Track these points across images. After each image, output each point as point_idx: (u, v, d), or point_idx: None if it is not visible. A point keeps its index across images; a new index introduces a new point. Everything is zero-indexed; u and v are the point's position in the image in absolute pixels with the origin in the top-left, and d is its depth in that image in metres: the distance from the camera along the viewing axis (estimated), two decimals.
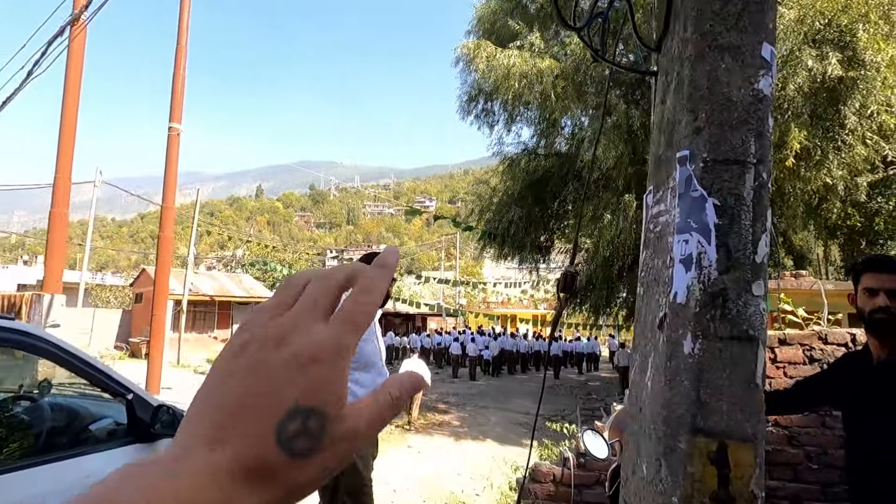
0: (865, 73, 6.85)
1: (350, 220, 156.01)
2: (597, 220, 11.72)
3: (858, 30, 7.01)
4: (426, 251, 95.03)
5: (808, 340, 2.45)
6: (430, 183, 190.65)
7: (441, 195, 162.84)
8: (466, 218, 15.00)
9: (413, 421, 10.66)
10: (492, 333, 22.68)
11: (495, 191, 15.15)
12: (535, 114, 13.39)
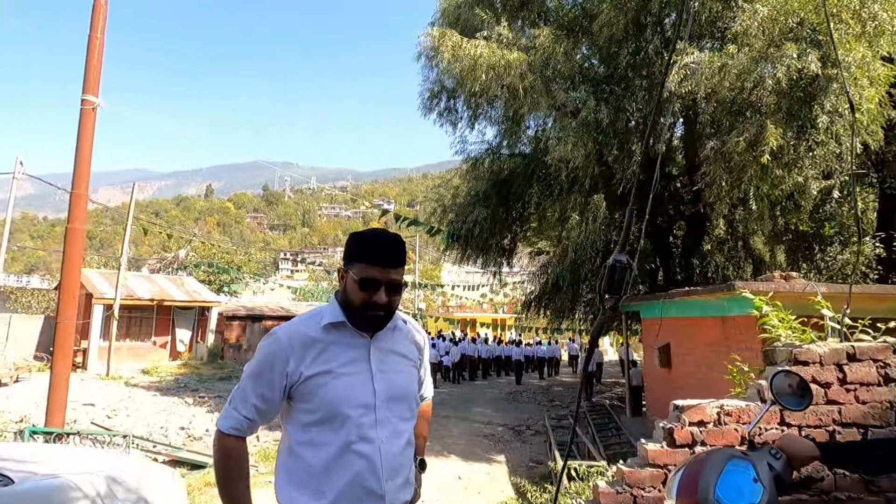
0: (838, 73, 6.73)
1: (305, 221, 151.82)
2: (564, 222, 11.37)
3: (833, 29, 6.90)
4: None
5: (881, 355, 1.93)
6: (389, 186, 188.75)
7: (399, 198, 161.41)
8: (428, 219, 14.34)
9: None
10: (452, 338, 22.08)
11: (458, 191, 14.60)
12: (499, 112, 12.94)
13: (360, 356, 1.43)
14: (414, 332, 1.58)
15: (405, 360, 1.51)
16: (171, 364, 19.58)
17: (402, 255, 1.43)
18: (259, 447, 8.39)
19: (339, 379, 1.38)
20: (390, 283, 1.39)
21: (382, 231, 1.47)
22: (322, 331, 1.42)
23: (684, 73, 7.77)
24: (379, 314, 1.40)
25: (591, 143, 9.28)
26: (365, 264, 1.39)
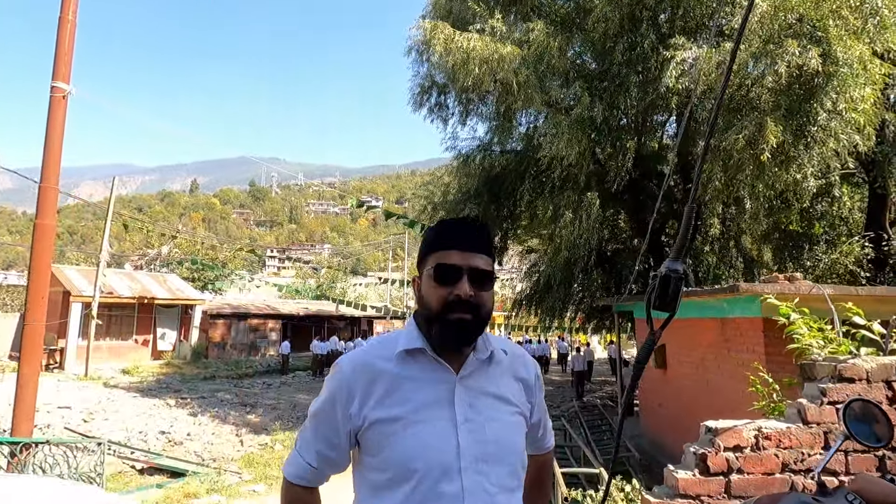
0: (838, 70, 6.63)
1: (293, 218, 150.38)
2: (556, 220, 11.20)
3: (829, 25, 6.79)
4: (372, 252, 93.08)
5: None
6: (377, 183, 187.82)
7: (388, 195, 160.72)
8: (418, 217, 14.09)
9: None
10: None
11: (448, 188, 14.37)
12: (490, 108, 12.73)
13: (442, 397, 1.06)
14: (519, 365, 1.17)
15: (506, 405, 1.11)
16: (153, 364, 19.09)
17: (485, 238, 1.13)
18: (244, 452, 8.11)
19: (410, 428, 1.02)
20: (474, 270, 1.06)
21: (460, 217, 1.22)
22: (395, 361, 1.09)
23: (681, 69, 7.61)
24: (465, 317, 1.04)
25: (584, 140, 9.11)
26: (440, 251, 1.09)
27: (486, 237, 1.14)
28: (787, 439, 1.68)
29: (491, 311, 1.10)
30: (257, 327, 23.81)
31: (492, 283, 1.09)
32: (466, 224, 1.14)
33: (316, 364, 18.84)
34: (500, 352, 1.14)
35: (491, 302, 1.10)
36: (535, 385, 1.19)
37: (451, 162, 14.30)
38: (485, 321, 1.08)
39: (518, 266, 16.43)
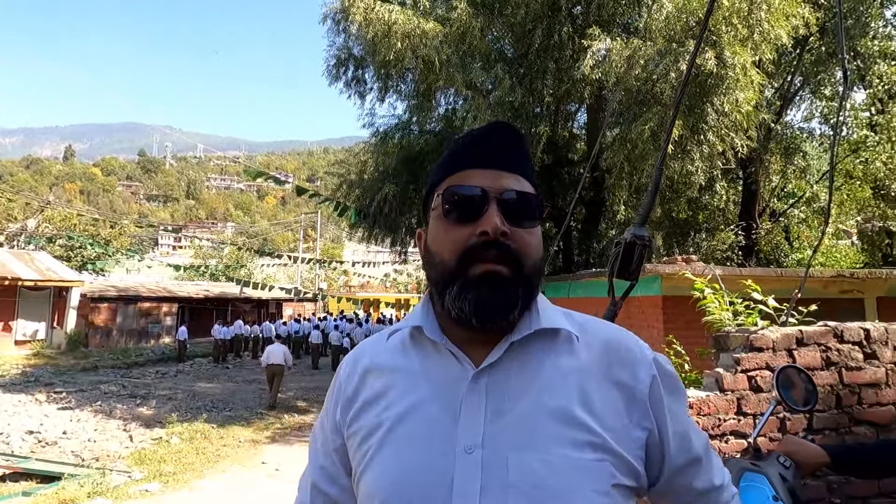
0: (728, 73, 7.31)
1: (191, 193, 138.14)
2: None
3: (723, 31, 7.44)
4: (281, 231, 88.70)
5: (824, 339, 1.93)
6: (287, 159, 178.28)
7: (299, 172, 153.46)
8: (333, 195, 13.54)
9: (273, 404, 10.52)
10: (355, 319, 21.51)
11: (366, 166, 13.95)
12: (410, 87, 12.50)
13: (442, 404, 0.66)
14: (614, 360, 0.69)
15: (568, 429, 0.63)
16: (18, 354, 16.64)
17: (522, 149, 0.73)
18: (134, 449, 7.35)
19: (385, 448, 0.67)
20: (506, 196, 0.67)
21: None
22: (391, 349, 0.75)
23: (595, 60, 7.95)
24: (496, 269, 0.65)
25: None
26: (454, 174, 0.71)
27: (523, 148, 0.73)
28: (706, 407, 1.78)
29: (540, 265, 0.69)
30: (149, 311, 21.66)
31: (537, 215, 0.69)
32: (492, 129, 0.72)
33: (218, 350, 17.60)
34: (568, 333, 0.69)
35: (539, 248, 0.69)
36: (656, 396, 0.67)
37: (368, 139, 13.86)
38: (530, 279, 0.67)
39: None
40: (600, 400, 0.65)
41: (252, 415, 9.56)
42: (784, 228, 14.07)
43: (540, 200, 0.70)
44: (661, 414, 0.68)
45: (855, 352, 1.97)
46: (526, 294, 0.66)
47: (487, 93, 10.01)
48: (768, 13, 7.25)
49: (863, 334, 1.99)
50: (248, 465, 6.70)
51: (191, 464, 6.63)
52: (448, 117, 12.43)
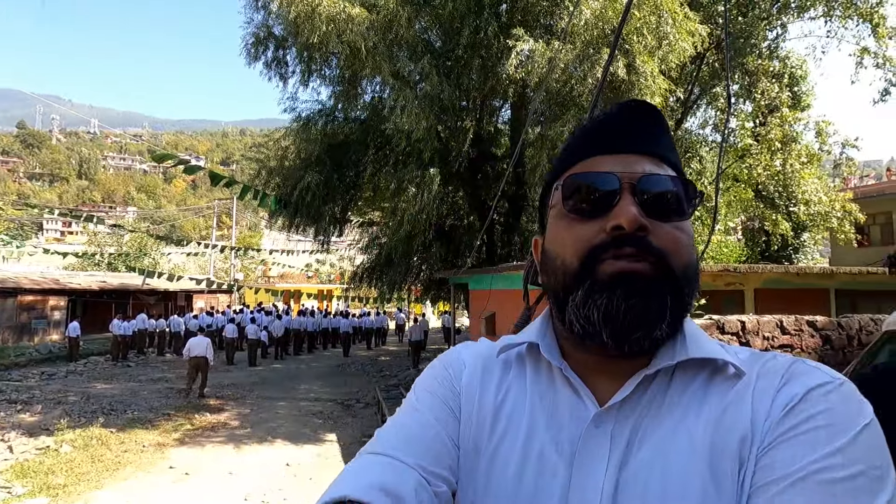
0: (638, 80, 7.87)
1: (84, 173, 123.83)
2: (399, 193, 11.28)
3: (634, 41, 7.99)
4: (192, 217, 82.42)
5: (708, 331, 2.15)
6: (198, 139, 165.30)
7: (212, 155, 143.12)
8: (252, 182, 12.82)
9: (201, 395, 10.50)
10: (274, 311, 20.64)
11: (287, 152, 13.36)
12: (335, 72, 12.12)
13: (558, 447, 0.54)
14: (799, 406, 0.47)
15: (689, 486, 0.48)
16: None
17: (660, 128, 0.58)
18: (14, 461, 6.57)
19: (481, 496, 0.55)
20: (644, 183, 0.54)
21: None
22: (501, 363, 0.63)
23: (519, 60, 8.19)
24: (633, 269, 0.50)
25: (431, 116, 9.27)
26: (578, 163, 0.58)
27: (663, 127, 0.59)
28: None
29: (694, 270, 0.54)
30: (33, 305, 19.27)
31: (684, 206, 0.55)
32: (624, 108, 0.59)
33: (117, 347, 16.09)
34: (730, 364, 0.53)
35: (692, 248, 0.54)
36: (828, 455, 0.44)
37: (290, 125, 13.26)
38: (682, 285, 0.52)
39: (358, 239, 16.20)
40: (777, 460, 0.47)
41: (157, 416, 8.89)
42: None
43: (691, 188, 0.55)
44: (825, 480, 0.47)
45: (733, 341, 2.21)
46: (676, 305, 0.51)
47: (415, 84, 9.96)
48: (673, 27, 7.88)
49: (740, 325, 2.24)
50: (154, 471, 6.24)
51: (85, 474, 6.05)
52: (375, 106, 12.22)
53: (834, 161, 13.66)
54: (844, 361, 2.35)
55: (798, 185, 11.63)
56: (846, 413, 0.45)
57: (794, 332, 2.45)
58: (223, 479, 5.98)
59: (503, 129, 13.69)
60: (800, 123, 12.39)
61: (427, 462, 0.54)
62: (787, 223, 12.08)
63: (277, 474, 6.14)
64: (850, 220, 11.88)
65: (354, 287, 15.49)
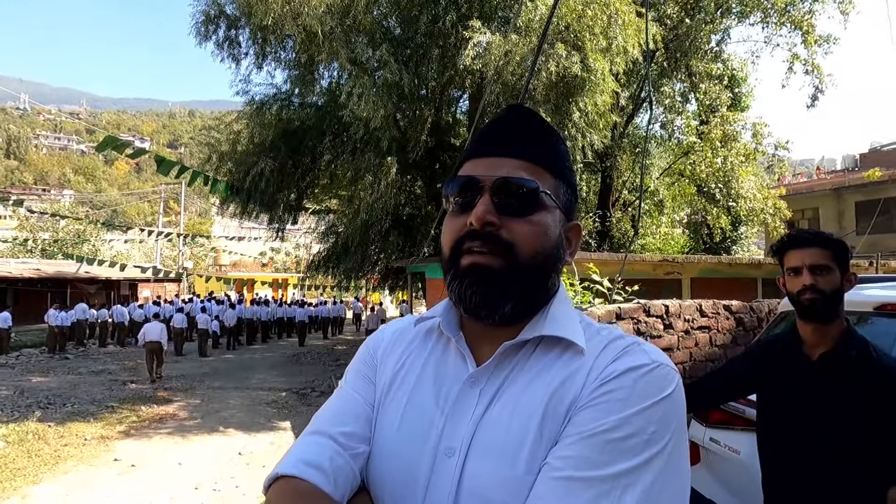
0: (590, 77, 8.16)
1: (12, 152, 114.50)
2: (356, 182, 11.21)
3: (586, 39, 8.26)
4: (136, 203, 78.15)
5: (636, 314, 2.38)
6: (142, 120, 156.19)
7: (158, 136, 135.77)
8: (202, 167, 12.37)
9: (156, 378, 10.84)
10: (226, 300, 20.06)
11: (239, 137, 12.96)
12: (290, 56, 11.83)
13: (438, 403, 0.66)
14: (589, 375, 0.61)
15: (520, 436, 0.60)
16: None
17: (532, 131, 0.69)
18: None
19: (384, 444, 0.67)
20: (502, 183, 0.64)
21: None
22: (414, 334, 0.76)
23: (476, 52, 8.30)
24: (477, 262, 0.62)
25: (390, 104, 9.25)
26: (462, 165, 0.70)
27: (537, 130, 0.69)
28: None
29: (544, 257, 0.64)
30: None
31: (535, 203, 0.64)
32: (503, 114, 0.71)
33: (53, 339, 15.21)
34: (570, 343, 0.63)
35: (542, 238, 0.64)
36: (591, 415, 0.57)
37: (243, 108, 12.86)
38: (527, 271, 0.63)
39: (315, 227, 15.96)
40: (549, 409, 0.61)
41: (100, 409, 8.54)
42: (631, 217, 16.17)
43: (536, 189, 0.64)
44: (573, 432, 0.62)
45: (658, 323, 2.43)
46: (522, 289, 0.63)
47: (373, 71, 9.88)
48: (622, 27, 8.20)
49: (664, 309, 2.46)
50: (97, 464, 6.03)
51: (21, 469, 5.78)
52: (332, 92, 12.03)
53: (768, 161, 14.63)
54: (754, 339, 2.65)
55: (737, 182, 12.39)
56: (645, 390, 0.57)
57: (712, 314, 2.72)
58: (172, 469, 5.87)
59: (461, 119, 13.79)
60: (739, 124, 13.17)
61: (348, 428, 0.67)
62: (726, 217, 12.88)
63: (229, 463, 6.08)
64: (781, 215, 12.80)
65: (311, 276, 15.29)
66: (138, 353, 15.29)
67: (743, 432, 1.82)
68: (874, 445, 1.33)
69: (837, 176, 21.97)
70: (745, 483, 1.69)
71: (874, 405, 1.33)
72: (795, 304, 1.46)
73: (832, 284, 1.40)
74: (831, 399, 1.38)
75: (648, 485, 0.53)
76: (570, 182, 0.69)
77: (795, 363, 1.47)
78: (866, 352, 1.39)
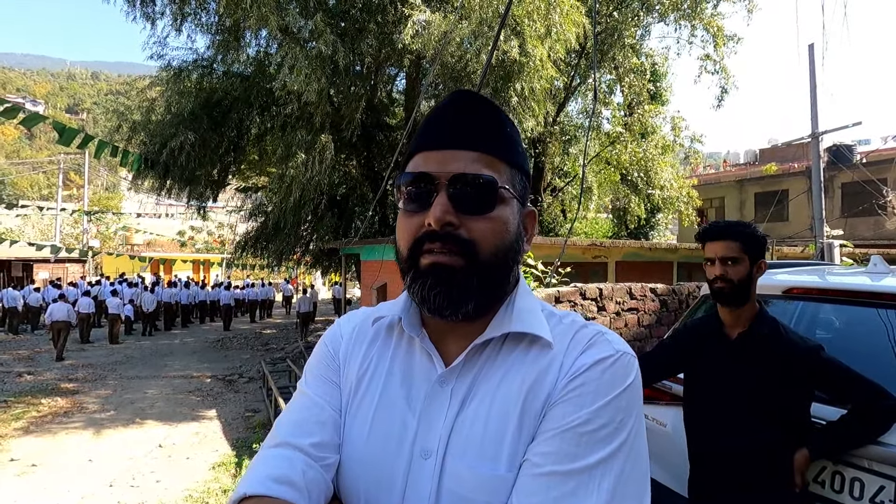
0: (528, 63, 8.27)
1: None
2: (288, 159, 10.69)
3: (526, 25, 8.34)
4: (28, 174, 69.56)
5: (573, 297, 2.47)
6: (35, 80, 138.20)
7: (54, 99, 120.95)
8: (111, 137, 11.22)
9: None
10: (140, 283, 18.57)
11: (154, 105, 11.88)
12: (213, 19, 10.94)
13: (408, 406, 0.65)
14: (562, 367, 0.63)
15: (499, 434, 0.60)
16: None
17: (486, 121, 0.65)
18: None
19: (355, 450, 0.65)
20: (458, 180, 0.62)
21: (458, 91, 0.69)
22: (373, 333, 0.73)
23: (416, 30, 8.12)
24: (438, 262, 0.61)
25: (324, 79, 8.84)
26: (413, 157, 0.67)
27: (487, 118, 0.65)
28: None
29: (504, 253, 0.63)
30: None
31: (493, 199, 0.62)
32: (450, 101, 0.67)
33: None
34: (536, 337, 0.64)
35: (503, 234, 0.63)
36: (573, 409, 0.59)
37: (157, 73, 11.75)
38: (488, 269, 0.62)
39: (241, 205, 15.08)
40: (526, 405, 0.62)
41: None
42: (561, 203, 16.81)
43: (494, 183, 0.62)
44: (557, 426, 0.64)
45: (592, 306, 2.55)
46: (483, 286, 0.62)
47: (305, 41, 9.37)
48: (561, 16, 8.37)
49: (598, 292, 2.58)
50: None
51: None
52: (260, 62, 11.30)
53: (685, 153, 15.75)
54: (676, 320, 2.87)
55: (655, 172, 13.24)
56: (611, 381, 0.59)
57: (640, 297, 2.91)
58: (81, 467, 5.40)
59: (398, 98, 13.54)
60: (659, 117, 14.02)
61: (316, 438, 0.64)
62: (644, 205, 13.75)
63: (148, 457, 5.70)
64: (693, 204, 13.88)
65: (237, 257, 14.50)
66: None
67: (669, 407, 1.97)
68: (786, 414, 1.50)
69: (740, 169, 24.19)
70: (671, 453, 1.84)
71: (784, 377, 1.49)
72: (710, 291, 1.61)
73: (740, 274, 1.55)
74: (748, 375, 1.53)
75: (619, 470, 0.56)
76: (524, 169, 0.68)
77: (717, 342, 1.62)
78: (776, 330, 1.55)
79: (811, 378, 1.49)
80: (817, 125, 9.61)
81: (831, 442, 1.51)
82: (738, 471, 1.51)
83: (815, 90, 9.40)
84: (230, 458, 5.61)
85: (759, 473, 1.49)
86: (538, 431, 0.59)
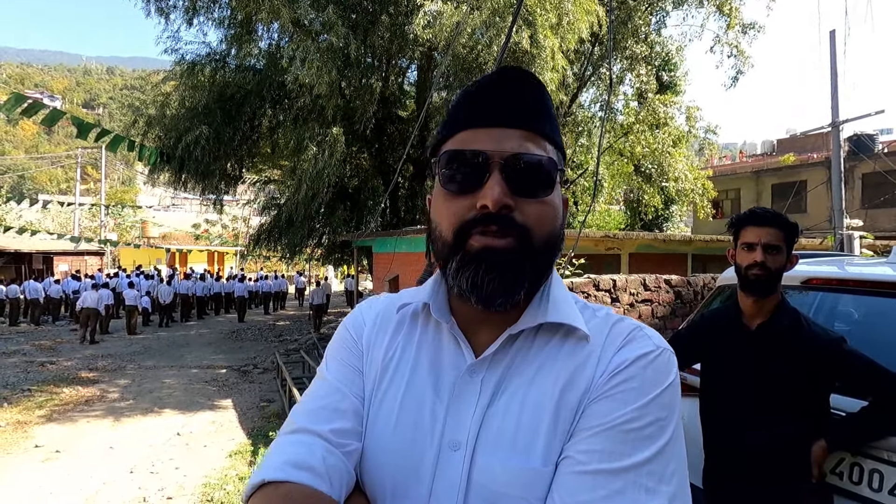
0: (540, 53, 8.19)
1: None
2: (300, 152, 10.74)
3: (538, 15, 8.25)
4: (47, 168, 70.90)
5: (586, 288, 2.46)
6: (52, 75, 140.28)
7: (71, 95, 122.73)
8: (127, 132, 11.37)
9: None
10: (157, 275, 18.89)
11: (169, 100, 12.00)
12: (226, 13, 11.00)
13: (435, 397, 0.63)
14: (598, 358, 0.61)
15: (533, 428, 0.58)
16: None
17: (535, 99, 0.62)
18: None
19: (380, 441, 0.63)
20: (514, 160, 0.59)
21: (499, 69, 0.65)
22: (398, 320, 0.70)
23: (428, 20, 8.08)
24: (494, 245, 0.58)
25: (335, 71, 8.85)
26: (459, 133, 0.62)
27: (539, 98, 0.63)
28: None
29: (556, 239, 0.61)
30: None
31: (551, 182, 0.60)
32: (500, 77, 0.63)
33: None
34: (571, 328, 0.62)
35: (555, 220, 0.62)
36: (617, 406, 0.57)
37: (172, 67, 11.86)
38: (541, 255, 0.60)
39: (255, 198, 15.22)
40: (563, 399, 0.60)
41: (15, 393, 7.87)
42: (573, 195, 16.68)
43: (554, 164, 0.61)
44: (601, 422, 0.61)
45: (606, 297, 2.54)
46: (535, 272, 0.60)
47: (317, 34, 9.38)
48: (574, 4, 8.25)
49: (612, 283, 2.56)
50: (15, 452, 5.58)
51: None
52: (272, 55, 11.34)
53: (699, 144, 15.50)
54: (690, 311, 2.84)
55: (669, 164, 13.06)
56: (654, 378, 0.57)
57: (654, 288, 2.88)
58: (103, 454, 5.54)
59: (409, 90, 13.49)
60: (673, 107, 13.79)
61: (337, 424, 0.61)
62: (658, 196, 13.58)
63: (167, 444, 5.83)
64: (708, 196, 13.68)
65: (252, 250, 14.67)
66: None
67: (684, 397, 1.95)
68: (806, 407, 1.48)
69: (757, 160, 23.73)
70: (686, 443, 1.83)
71: (805, 370, 1.47)
72: (741, 278, 1.57)
73: (779, 264, 1.51)
74: (768, 367, 1.51)
75: (665, 469, 0.54)
76: (564, 151, 0.65)
77: (736, 333, 1.59)
78: (798, 321, 1.52)
79: (832, 370, 1.47)
80: (838, 114, 9.39)
81: (851, 434, 1.49)
82: (757, 466, 1.49)
83: (835, 78, 9.18)
84: (246, 446, 5.71)
85: (778, 468, 1.48)
86: (577, 428, 0.57)
